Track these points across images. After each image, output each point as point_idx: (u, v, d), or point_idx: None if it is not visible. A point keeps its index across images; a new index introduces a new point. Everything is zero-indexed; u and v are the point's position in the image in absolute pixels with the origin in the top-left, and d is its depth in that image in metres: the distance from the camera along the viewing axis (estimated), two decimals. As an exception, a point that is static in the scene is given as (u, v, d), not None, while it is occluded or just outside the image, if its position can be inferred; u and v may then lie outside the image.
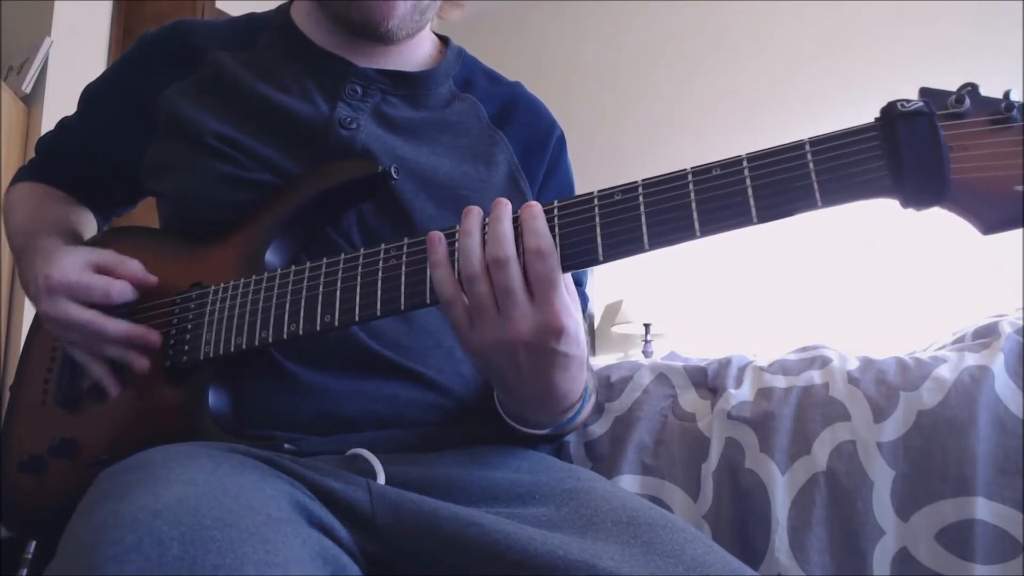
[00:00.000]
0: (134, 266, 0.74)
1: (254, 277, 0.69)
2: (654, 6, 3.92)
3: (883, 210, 0.52)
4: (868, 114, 0.50)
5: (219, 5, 2.81)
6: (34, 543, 0.87)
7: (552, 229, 0.56)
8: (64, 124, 0.93)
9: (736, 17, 3.70)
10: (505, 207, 0.56)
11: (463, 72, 0.88)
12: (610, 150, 3.69)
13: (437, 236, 0.57)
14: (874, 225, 3.03)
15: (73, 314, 0.70)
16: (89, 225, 0.93)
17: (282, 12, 0.87)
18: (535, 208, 0.56)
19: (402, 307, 0.60)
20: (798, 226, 3.08)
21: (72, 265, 0.72)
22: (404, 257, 0.60)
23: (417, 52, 0.87)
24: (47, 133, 0.94)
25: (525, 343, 0.54)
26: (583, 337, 0.58)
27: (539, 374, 0.57)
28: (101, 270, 0.73)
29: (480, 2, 3.86)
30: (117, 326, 0.70)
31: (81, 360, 0.74)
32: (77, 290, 0.70)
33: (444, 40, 0.91)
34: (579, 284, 0.85)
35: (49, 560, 0.46)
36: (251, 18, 0.87)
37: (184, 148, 0.77)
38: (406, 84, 0.82)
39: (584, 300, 0.87)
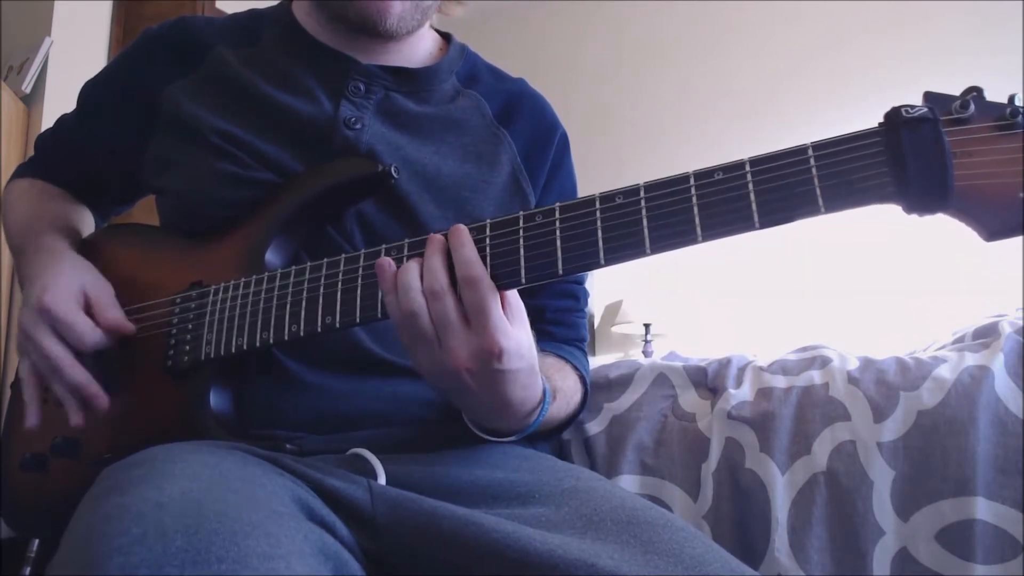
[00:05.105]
0: (116, 315, 0.73)
1: (254, 277, 0.69)
2: (654, 6, 3.92)
3: (883, 210, 0.51)
4: (868, 113, 0.50)
5: (219, 5, 2.80)
6: (37, 541, 0.87)
7: (553, 233, 0.56)
8: (63, 121, 0.92)
9: (736, 17, 3.69)
10: (438, 242, 0.57)
11: (467, 68, 0.87)
12: (610, 150, 3.69)
13: (386, 262, 0.57)
14: (874, 225, 3.03)
15: (43, 343, 0.70)
16: (87, 222, 0.93)
17: (284, 8, 0.86)
18: (462, 235, 0.56)
19: None
20: (798, 226, 3.07)
21: (67, 290, 0.72)
22: (405, 259, 0.60)
23: (420, 48, 0.86)
24: (46, 131, 0.94)
25: (467, 369, 0.55)
26: (528, 346, 0.58)
27: (489, 392, 0.58)
28: (90, 304, 0.72)
29: (481, 1, 3.86)
30: (74, 374, 0.69)
31: (23, 374, 0.74)
32: (58, 325, 0.70)
33: (446, 37, 0.90)
34: (578, 282, 0.85)
35: (52, 558, 0.46)
36: (253, 14, 0.87)
37: (186, 145, 0.77)
38: (409, 80, 0.81)
39: (584, 295, 0.87)
